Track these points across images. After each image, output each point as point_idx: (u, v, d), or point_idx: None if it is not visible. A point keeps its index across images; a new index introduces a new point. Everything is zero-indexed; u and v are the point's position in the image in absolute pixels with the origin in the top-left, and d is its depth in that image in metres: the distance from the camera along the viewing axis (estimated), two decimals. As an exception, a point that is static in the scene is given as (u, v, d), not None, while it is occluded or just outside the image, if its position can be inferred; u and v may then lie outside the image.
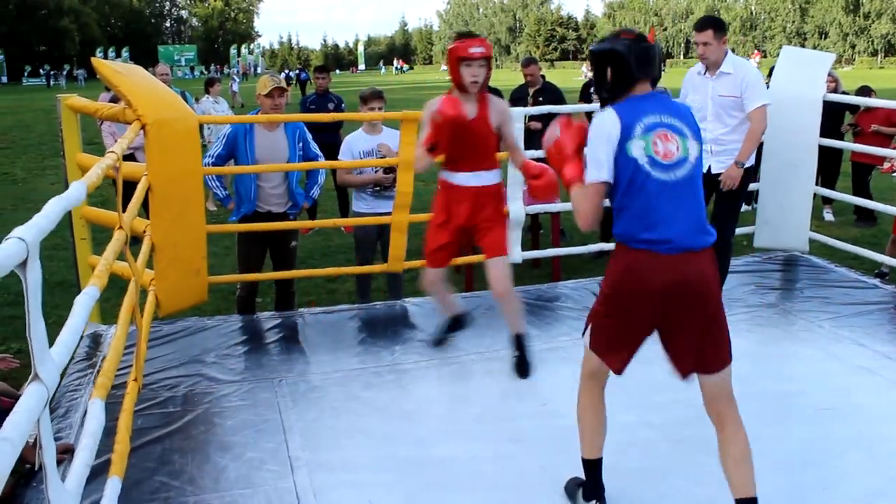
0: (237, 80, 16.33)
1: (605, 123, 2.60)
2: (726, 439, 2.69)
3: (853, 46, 79.04)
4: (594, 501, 2.86)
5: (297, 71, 42.17)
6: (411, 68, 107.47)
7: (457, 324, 4.35)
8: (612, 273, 2.72)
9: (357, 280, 5.67)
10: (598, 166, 2.61)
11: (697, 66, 5.10)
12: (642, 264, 2.59)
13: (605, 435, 2.87)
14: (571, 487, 2.99)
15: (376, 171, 5.26)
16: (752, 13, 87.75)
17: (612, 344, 2.76)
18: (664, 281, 2.56)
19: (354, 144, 5.31)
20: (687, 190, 2.61)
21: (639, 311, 2.67)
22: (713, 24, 4.90)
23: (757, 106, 4.79)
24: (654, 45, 2.73)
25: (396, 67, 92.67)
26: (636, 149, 2.56)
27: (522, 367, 4.01)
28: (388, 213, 5.11)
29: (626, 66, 2.63)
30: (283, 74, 38.73)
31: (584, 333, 2.84)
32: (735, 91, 4.82)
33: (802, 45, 68.16)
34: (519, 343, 4.03)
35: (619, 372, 2.78)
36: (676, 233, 2.56)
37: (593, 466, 2.88)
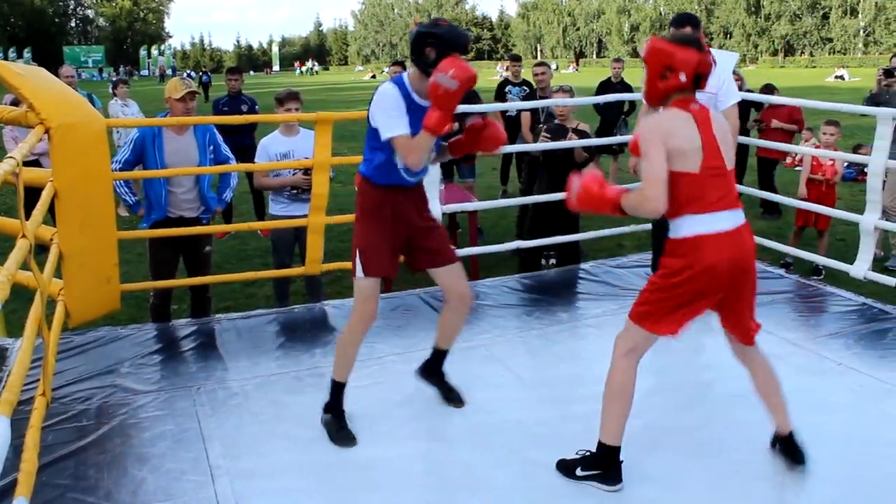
0: (115, 79, 15.85)
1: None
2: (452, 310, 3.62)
3: (756, 46, 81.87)
4: None
5: (200, 73, 40.83)
6: (326, 69, 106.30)
7: None
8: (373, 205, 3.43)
9: (274, 284, 5.59)
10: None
11: None
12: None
13: None
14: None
15: (293, 174, 5.20)
16: (661, 14, 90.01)
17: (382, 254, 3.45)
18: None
19: (270, 147, 5.23)
20: None
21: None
22: (691, 20, 4.70)
23: (732, 103, 4.77)
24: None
25: (303, 69, 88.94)
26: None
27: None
28: (305, 216, 5.06)
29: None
30: (184, 75, 37.62)
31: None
32: (713, 87, 4.65)
33: (709, 45, 70.14)
34: None
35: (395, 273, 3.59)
36: None
37: None
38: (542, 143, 5.90)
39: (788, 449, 3.15)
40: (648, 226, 6.43)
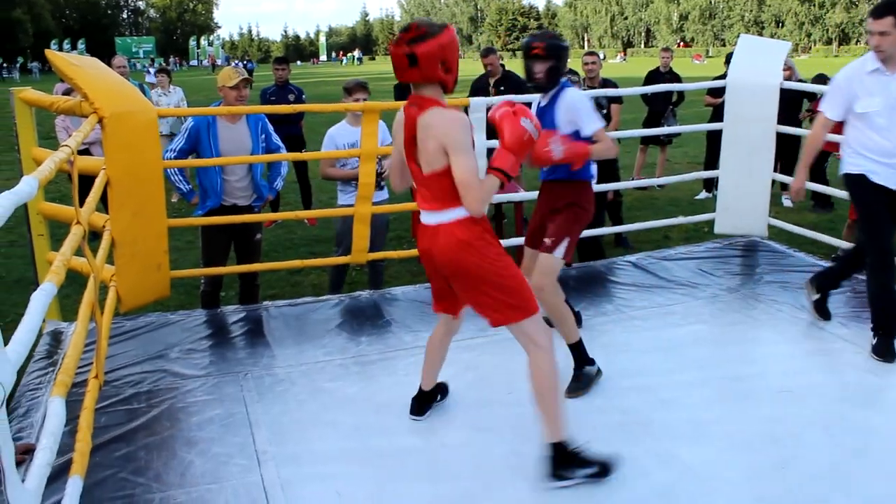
0: (152, 70, 16.06)
1: None
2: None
3: (809, 35, 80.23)
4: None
5: (245, 62, 41.60)
6: (372, 58, 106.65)
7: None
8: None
9: (332, 272, 5.55)
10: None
11: (864, 64, 4.17)
12: None
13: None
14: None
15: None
16: (710, 2, 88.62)
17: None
18: None
19: (339, 137, 5.20)
20: None
21: None
22: (894, 10, 3.92)
23: None
24: None
25: (346, 59, 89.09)
26: None
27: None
28: (379, 204, 5.12)
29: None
30: (234, 64, 38.40)
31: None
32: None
33: (760, 34, 69.02)
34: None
35: None
36: None
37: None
38: None
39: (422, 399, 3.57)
40: (694, 218, 6.37)
